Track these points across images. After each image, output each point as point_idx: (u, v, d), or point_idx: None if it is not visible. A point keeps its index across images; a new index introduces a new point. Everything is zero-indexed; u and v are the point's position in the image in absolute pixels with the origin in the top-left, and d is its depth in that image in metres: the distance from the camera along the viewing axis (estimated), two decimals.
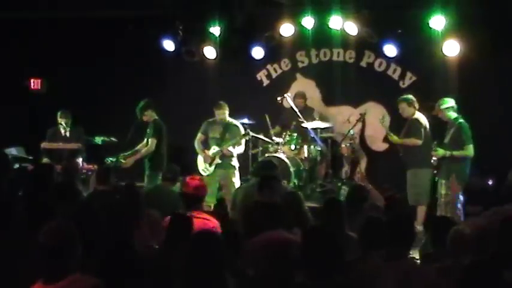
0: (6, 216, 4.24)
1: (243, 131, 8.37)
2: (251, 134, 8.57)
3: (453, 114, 7.40)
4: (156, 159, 8.22)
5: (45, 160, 8.68)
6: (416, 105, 7.98)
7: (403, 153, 8.02)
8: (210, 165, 8.23)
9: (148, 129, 8.27)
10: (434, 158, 7.48)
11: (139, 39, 9.69)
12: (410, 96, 8.08)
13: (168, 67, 10.00)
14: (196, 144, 8.36)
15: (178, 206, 5.63)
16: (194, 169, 8.36)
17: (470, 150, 7.29)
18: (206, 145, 8.39)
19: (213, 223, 5.02)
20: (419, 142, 7.72)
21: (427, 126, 7.91)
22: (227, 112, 8.30)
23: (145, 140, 8.24)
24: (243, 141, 8.47)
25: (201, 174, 7.85)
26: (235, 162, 8.20)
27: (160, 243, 4.43)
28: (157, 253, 4.32)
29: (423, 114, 8.08)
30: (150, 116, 8.31)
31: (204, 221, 4.99)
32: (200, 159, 8.36)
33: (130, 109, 8.45)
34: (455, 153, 7.26)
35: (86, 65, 9.97)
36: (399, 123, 8.33)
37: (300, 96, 9.28)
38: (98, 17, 9.97)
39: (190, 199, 5.41)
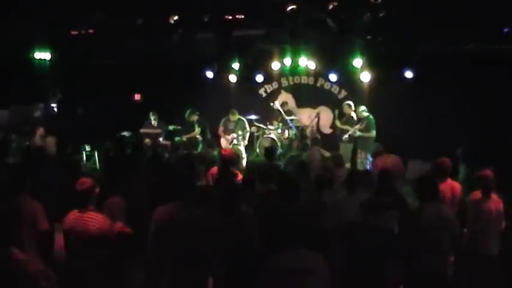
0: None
1: (247, 126, 10.67)
2: (251, 126, 10.69)
3: (365, 113, 10.05)
4: (204, 139, 10.73)
5: (146, 141, 10.80)
6: (353, 108, 10.21)
7: (341, 133, 10.14)
8: (229, 144, 10.78)
9: (196, 124, 10.67)
10: (349, 134, 9.73)
11: (193, 72, 11.82)
12: (350, 103, 10.29)
13: (208, 88, 12.05)
14: (220, 132, 10.84)
15: (216, 163, 6.75)
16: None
17: (373, 133, 9.80)
18: (226, 131, 10.83)
19: (240, 177, 6.04)
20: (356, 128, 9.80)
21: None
22: (237, 115, 10.55)
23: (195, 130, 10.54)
24: (247, 134, 10.75)
25: None
26: (242, 146, 10.68)
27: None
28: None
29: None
30: (193, 117, 10.58)
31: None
32: (223, 141, 10.87)
33: (186, 112, 10.56)
34: (365, 134, 9.83)
35: (164, 89, 11.90)
36: (338, 118, 10.38)
37: (285, 104, 11.51)
38: (169, 63, 11.63)
39: (226, 162, 6.18)
